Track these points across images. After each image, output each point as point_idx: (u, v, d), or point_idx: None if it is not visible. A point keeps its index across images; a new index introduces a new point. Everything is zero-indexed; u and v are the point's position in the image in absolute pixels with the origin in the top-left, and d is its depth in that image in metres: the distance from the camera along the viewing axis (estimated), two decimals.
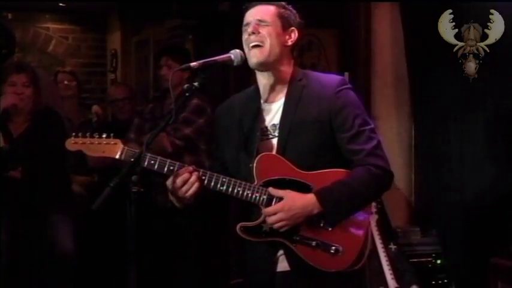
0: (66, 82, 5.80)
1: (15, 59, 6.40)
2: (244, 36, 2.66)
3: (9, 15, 7.49)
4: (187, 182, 2.56)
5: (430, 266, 4.52)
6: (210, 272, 4.96)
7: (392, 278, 4.11)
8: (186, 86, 2.59)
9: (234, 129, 2.72)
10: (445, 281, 4.49)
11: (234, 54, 2.63)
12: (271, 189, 2.56)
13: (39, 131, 4.38)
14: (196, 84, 2.57)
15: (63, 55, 7.83)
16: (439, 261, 4.53)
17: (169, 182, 2.60)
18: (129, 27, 7.53)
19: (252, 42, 2.62)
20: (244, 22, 2.67)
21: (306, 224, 2.56)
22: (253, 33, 2.61)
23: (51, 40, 7.81)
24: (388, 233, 4.33)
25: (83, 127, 5.67)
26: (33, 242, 4.51)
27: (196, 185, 2.56)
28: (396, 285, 4.11)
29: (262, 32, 2.62)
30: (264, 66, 2.66)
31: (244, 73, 2.75)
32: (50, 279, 4.52)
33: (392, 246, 4.29)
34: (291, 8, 2.72)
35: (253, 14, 2.65)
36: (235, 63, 2.64)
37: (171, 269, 4.78)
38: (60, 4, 7.56)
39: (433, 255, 4.54)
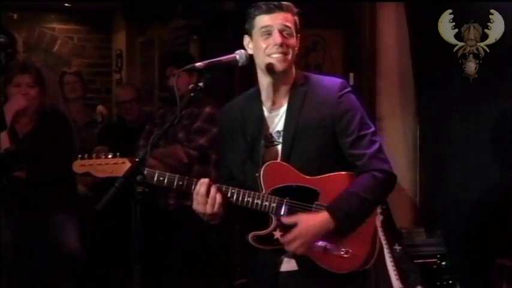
0: (71, 84, 5.82)
1: (20, 59, 6.42)
2: (263, 43, 2.61)
3: (15, 16, 7.51)
4: (209, 196, 2.57)
5: (434, 266, 4.52)
6: (214, 273, 4.97)
7: (397, 279, 4.11)
8: (191, 86, 2.59)
9: (237, 136, 2.72)
10: (450, 281, 4.48)
11: (239, 54, 2.62)
12: (283, 219, 2.56)
13: (45, 132, 4.38)
14: (201, 84, 2.56)
15: (68, 55, 7.85)
16: (443, 262, 4.53)
17: (194, 206, 2.60)
18: (134, 28, 7.55)
19: (280, 53, 2.59)
20: (262, 24, 2.61)
21: None
22: (281, 45, 2.59)
23: (56, 40, 7.83)
24: (392, 233, 4.32)
25: (88, 127, 5.70)
26: (39, 242, 4.52)
27: (219, 196, 2.56)
28: (401, 286, 4.10)
29: (288, 43, 2.61)
30: (281, 73, 2.65)
31: (249, 73, 2.74)
32: (55, 279, 4.53)
33: (397, 247, 4.28)
34: (297, 11, 2.68)
35: (276, 18, 2.60)
36: (240, 64, 2.63)
37: (174, 270, 4.79)
38: (66, 4, 7.58)
39: (438, 256, 4.54)
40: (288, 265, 2.66)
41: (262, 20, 2.62)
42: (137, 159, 2.54)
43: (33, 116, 4.44)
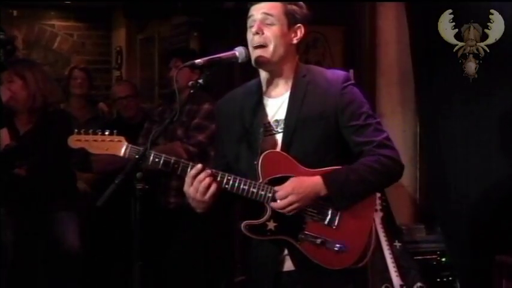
0: (79, 80, 5.85)
1: (20, 56, 6.43)
2: (249, 35, 2.63)
3: (15, 12, 7.50)
4: (202, 182, 2.53)
5: (434, 263, 4.52)
6: (213, 269, 4.97)
7: (397, 276, 4.11)
8: (191, 82, 2.58)
9: (235, 123, 2.70)
10: (450, 278, 4.49)
11: (239, 51, 2.61)
12: (277, 188, 2.54)
13: (46, 129, 4.39)
14: (201, 81, 2.55)
15: (68, 52, 7.85)
16: (443, 259, 4.53)
17: (186, 188, 2.57)
18: (134, 25, 7.54)
19: (256, 43, 2.59)
20: (249, 14, 2.63)
21: (311, 222, 2.56)
22: (257, 33, 2.59)
23: (56, 37, 7.82)
24: (392, 230, 4.32)
25: (89, 124, 5.71)
26: (39, 240, 4.52)
27: (214, 186, 2.54)
28: (401, 283, 4.10)
29: (266, 32, 2.58)
30: (266, 66, 2.64)
31: (249, 70, 2.73)
32: (55, 276, 4.54)
33: (397, 244, 4.29)
34: (298, 2, 2.67)
35: (259, 8, 2.61)
36: (240, 60, 2.61)
37: (174, 267, 4.79)
38: (66, 1, 7.58)
39: (438, 252, 4.54)
40: (288, 264, 2.64)
41: (250, 11, 2.64)
42: (137, 156, 2.54)
43: (34, 114, 4.45)
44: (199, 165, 2.55)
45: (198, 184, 2.53)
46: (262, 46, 2.59)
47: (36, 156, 4.34)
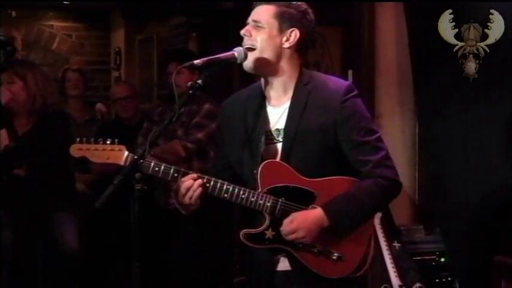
0: (74, 81, 5.86)
1: (19, 57, 6.44)
2: None
3: (13, 13, 7.50)
4: (190, 189, 2.55)
5: (433, 264, 4.52)
6: (213, 270, 4.97)
7: (396, 276, 4.11)
8: (190, 83, 2.58)
9: (238, 127, 2.70)
10: (449, 279, 4.49)
11: (238, 51, 2.60)
12: (282, 228, 2.55)
13: (45, 130, 4.39)
14: (199, 81, 2.55)
15: (67, 53, 7.85)
16: (442, 259, 4.53)
17: (174, 190, 2.60)
18: (133, 25, 7.54)
19: (244, 45, 2.61)
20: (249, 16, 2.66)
21: None
22: (245, 35, 2.61)
23: (55, 38, 7.82)
24: (391, 231, 4.32)
25: (87, 125, 5.72)
26: (38, 240, 4.52)
27: (198, 191, 2.55)
28: (400, 283, 4.10)
29: (253, 35, 2.59)
30: (255, 70, 2.64)
31: None
32: (54, 277, 4.54)
33: (396, 244, 4.28)
34: (297, 6, 2.65)
35: (252, 14, 2.63)
36: (238, 61, 2.60)
37: (174, 268, 4.79)
38: (65, 2, 7.57)
39: (437, 253, 4.54)
40: (283, 264, 2.64)
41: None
42: (136, 157, 2.54)
43: (33, 115, 4.45)
44: (194, 175, 2.57)
45: (184, 191, 2.56)
46: (250, 49, 2.60)
47: (35, 157, 4.33)
